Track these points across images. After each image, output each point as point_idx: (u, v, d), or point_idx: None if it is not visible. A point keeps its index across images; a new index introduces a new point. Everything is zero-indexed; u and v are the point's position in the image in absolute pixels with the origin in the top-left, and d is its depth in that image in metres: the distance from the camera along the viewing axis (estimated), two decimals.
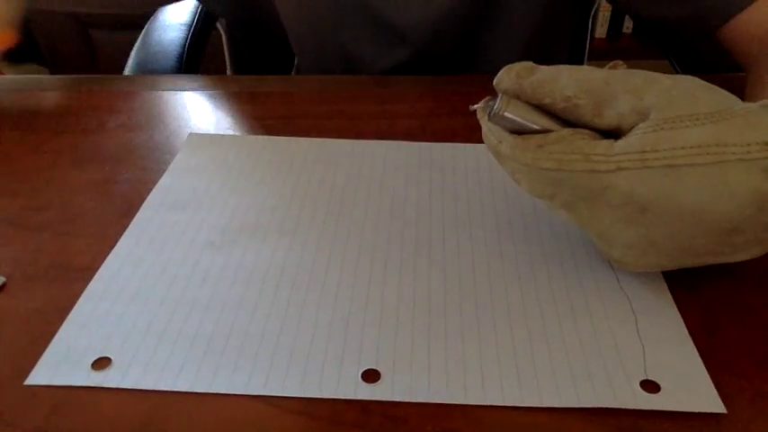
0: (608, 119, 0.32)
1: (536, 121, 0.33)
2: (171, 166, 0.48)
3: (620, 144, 0.31)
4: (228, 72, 0.93)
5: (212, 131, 0.54)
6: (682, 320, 0.35)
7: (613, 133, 0.33)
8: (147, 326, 0.35)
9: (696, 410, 0.30)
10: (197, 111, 0.57)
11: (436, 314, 0.35)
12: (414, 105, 0.58)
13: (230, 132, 0.54)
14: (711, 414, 0.30)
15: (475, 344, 0.33)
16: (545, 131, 0.33)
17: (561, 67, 0.34)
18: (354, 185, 0.46)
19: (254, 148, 0.51)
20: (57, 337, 0.34)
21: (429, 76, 0.63)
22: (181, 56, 0.81)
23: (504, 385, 0.31)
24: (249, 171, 0.48)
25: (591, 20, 0.84)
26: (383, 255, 0.40)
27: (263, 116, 0.56)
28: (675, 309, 0.36)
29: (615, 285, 0.37)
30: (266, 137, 0.52)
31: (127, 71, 0.81)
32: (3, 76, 0.61)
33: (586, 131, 0.33)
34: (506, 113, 0.33)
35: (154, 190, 0.46)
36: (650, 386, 0.31)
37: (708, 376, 0.32)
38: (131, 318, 0.35)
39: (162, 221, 0.43)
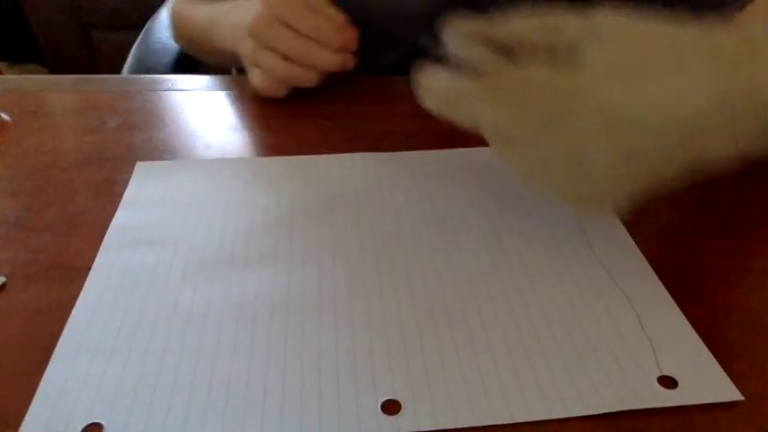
0: (562, 42, 0.34)
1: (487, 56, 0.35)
2: (123, 201, 0.44)
3: (581, 60, 0.32)
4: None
5: (213, 132, 0.53)
6: (681, 313, 0.35)
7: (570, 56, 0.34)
8: (135, 382, 0.31)
9: (715, 401, 0.30)
10: (197, 111, 0.57)
11: (442, 333, 0.34)
12: (413, 105, 0.57)
13: (231, 132, 0.54)
14: (710, 410, 0.30)
15: (489, 361, 0.33)
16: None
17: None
18: (328, 203, 0.44)
19: (212, 172, 0.47)
20: (33, 405, 0.30)
21: None
22: (181, 52, 0.81)
23: (527, 400, 0.31)
24: (212, 197, 0.45)
25: None
26: (375, 275, 0.38)
27: (263, 116, 0.56)
28: (673, 302, 0.36)
29: (612, 285, 0.37)
30: (220, 159, 0.50)
31: (126, 68, 0.81)
32: (3, 75, 0.61)
33: (546, 58, 0.34)
34: (454, 36, 0.35)
35: (109, 230, 0.41)
36: (667, 382, 0.31)
37: (718, 365, 0.32)
38: (115, 375, 0.31)
39: (127, 263, 0.39)
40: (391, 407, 0.30)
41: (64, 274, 0.38)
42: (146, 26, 0.88)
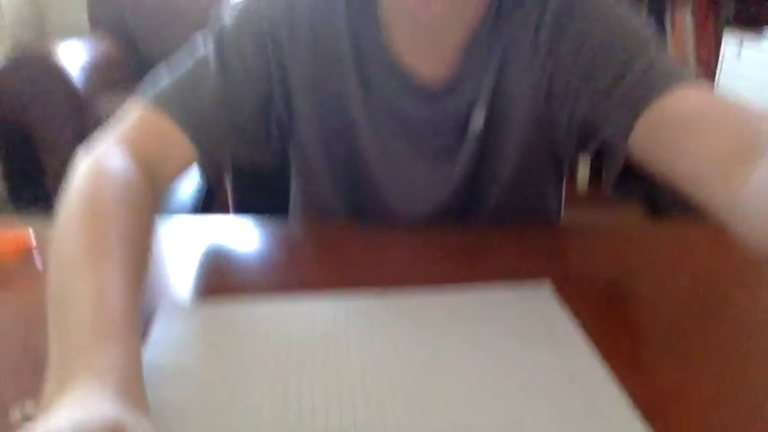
0: None
1: None
2: (150, 341, 0.48)
3: None
4: (231, 207, 0.99)
5: (223, 267, 0.58)
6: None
7: None
8: None
9: None
10: (216, 248, 0.63)
11: None
12: (410, 250, 0.64)
13: (234, 268, 0.58)
14: None
15: None
16: None
17: None
18: (335, 345, 0.48)
19: (238, 316, 0.51)
20: None
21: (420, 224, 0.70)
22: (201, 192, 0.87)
23: None
24: (238, 341, 0.48)
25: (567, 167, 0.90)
26: (378, 414, 0.41)
27: (269, 253, 0.61)
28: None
29: (591, 420, 0.41)
30: (246, 303, 0.53)
31: None
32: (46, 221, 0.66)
33: None
34: None
35: None
36: None
37: None
38: None
39: (152, 400, 0.39)
40: None
41: None
42: None
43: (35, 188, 2.21)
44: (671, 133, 0.51)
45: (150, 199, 0.54)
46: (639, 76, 0.55)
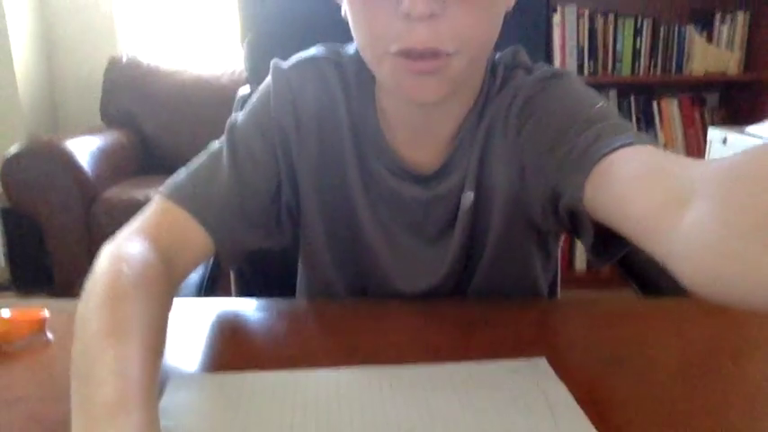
0: None
1: None
2: (160, 407, 0.49)
3: None
4: (233, 288, 1.01)
5: (226, 359, 0.60)
6: None
7: None
8: None
9: None
10: (219, 329, 0.65)
11: None
12: (410, 326, 0.66)
13: (238, 347, 0.60)
14: None
15: None
16: None
17: None
18: (336, 417, 0.50)
19: (244, 385, 0.54)
20: None
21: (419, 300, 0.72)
22: (203, 275, 0.90)
23: None
24: (243, 407, 0.51)
25: (558, 248, 0.92)
26: None
27: (279, 332, 0.63)
28: None
29: None
30: (251, 374, 0.56)
31: None
32: (60, 300, 0.69)
33: None
34: None
35: None
36: None
37: None
38: None
39: None
40: None
41: None
42: None
43: (38, 272, 2.23)
44: (616, 189, 0.53)
45: (167, 283, 0.57)
46: (590, 142, 0.58)
